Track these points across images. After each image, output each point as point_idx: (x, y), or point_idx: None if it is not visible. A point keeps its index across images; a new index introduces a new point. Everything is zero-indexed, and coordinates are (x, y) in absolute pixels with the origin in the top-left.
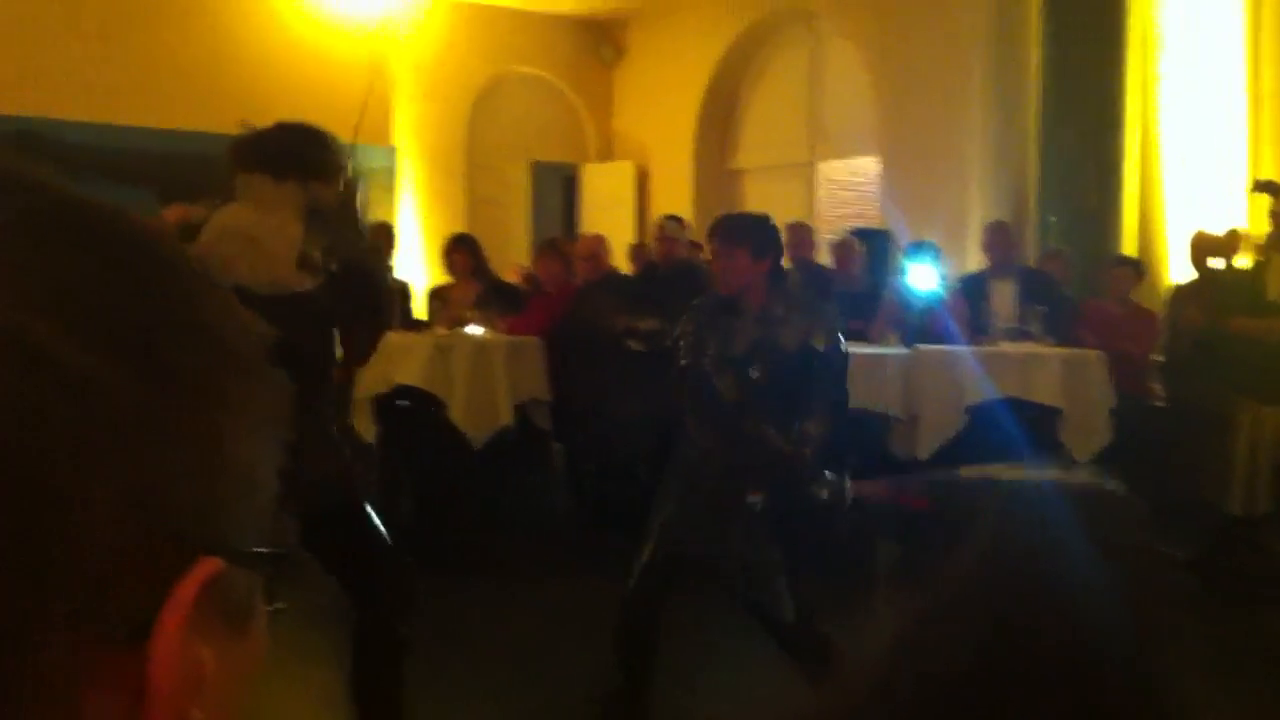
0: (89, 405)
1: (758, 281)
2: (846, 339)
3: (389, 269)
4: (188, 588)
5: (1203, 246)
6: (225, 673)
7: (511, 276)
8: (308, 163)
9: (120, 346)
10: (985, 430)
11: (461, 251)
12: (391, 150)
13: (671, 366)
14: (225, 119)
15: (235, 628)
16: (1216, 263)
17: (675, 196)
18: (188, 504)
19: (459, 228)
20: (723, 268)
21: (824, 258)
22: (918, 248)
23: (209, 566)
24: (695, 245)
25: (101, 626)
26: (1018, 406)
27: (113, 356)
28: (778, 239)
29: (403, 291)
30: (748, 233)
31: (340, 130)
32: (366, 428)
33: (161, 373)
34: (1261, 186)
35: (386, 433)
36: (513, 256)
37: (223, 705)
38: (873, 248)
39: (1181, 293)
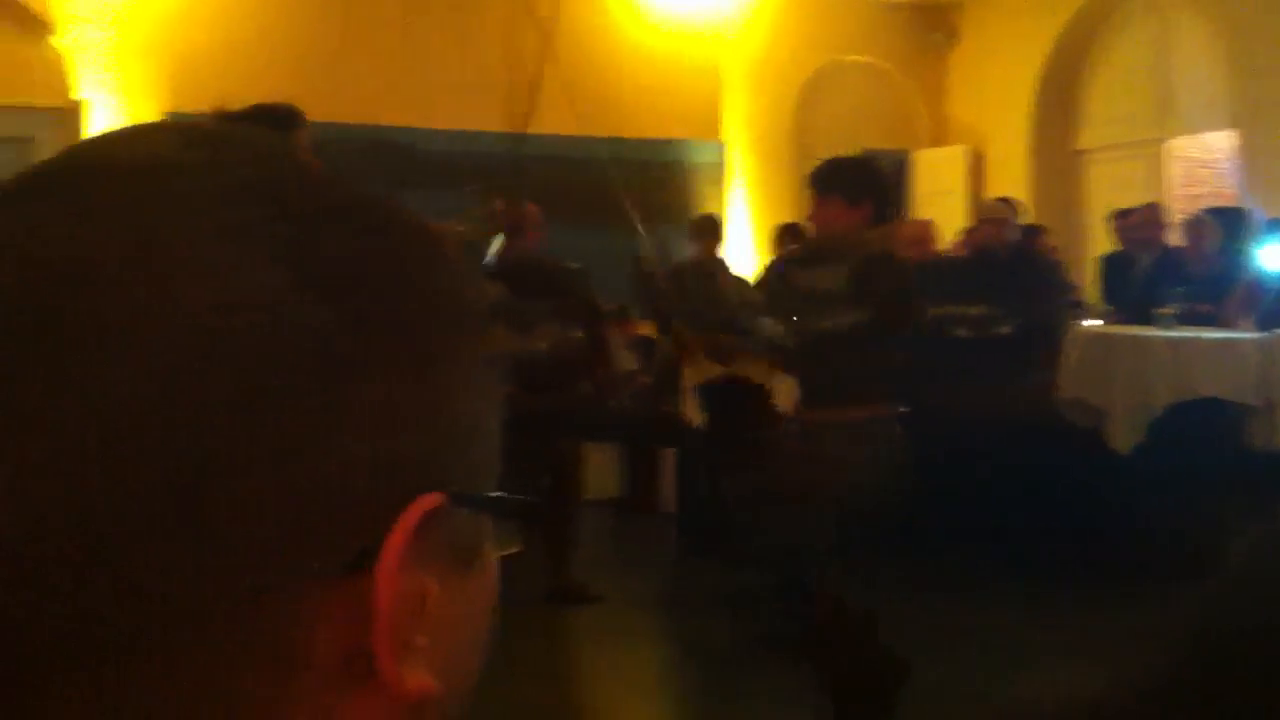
0: (322, 356)
1: (852, 229)
2: (1196, 323)
3: None
4: (408, 520)
5: None
6: (452, 606)
7: None
8: None
9: (350, 301)
10: None
11: (787, 241)
12: (720, 145)
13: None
14: (566, 121)
15: (461, 564)
16: None
17: (1012, 180)
18: (409, 447)
19: (789, 219)
20: (814, 214)
21: (1176, 239)
22: (1276, 225)
23: (428, 502)
24: (1034, 229)
25: (330, 555)
26: None
27: (342, 310)
28: (879, 187)
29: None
30: (842, 177)
31: (673, 129)
32: (695, 414)
33: (386, 326)
34: None
35: (713, 419)
36: None
37: (453, 639)
38: (1227, 227)
39: None
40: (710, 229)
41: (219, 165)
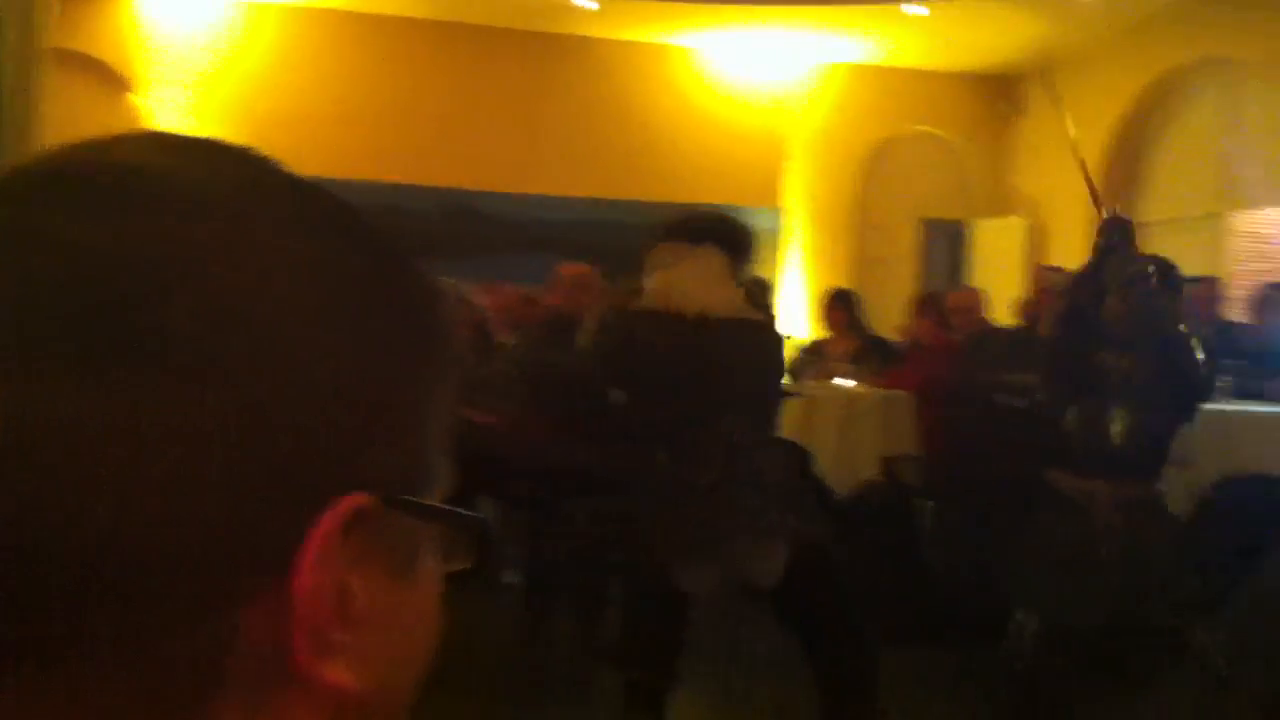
0: (285, 333)
1: None
2: (1249, 397)
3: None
4: (330, 519)
5: None
6: (382, 610)
7: (897, 336)
8: (725, 237)
9: (322, 290)
10: None
11: (838, 307)
12: (777, 212)
13: None
14: (628, 186)
15: (396, 570)
16: None
17: (1072, 251)
18: (344, 445)
19: (845, 286)
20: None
21: (1235, 313)
22: None
23: (352, 503)
24: None
25: (256, 548)
26: None
27: (314, 294)
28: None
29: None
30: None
31: (733, 195)
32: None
33: (344, 319)
34: None
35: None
36: (901, 315)
37: (383, 643)
38: None
39: None
40: (756, 289)
41: (187, 170)
